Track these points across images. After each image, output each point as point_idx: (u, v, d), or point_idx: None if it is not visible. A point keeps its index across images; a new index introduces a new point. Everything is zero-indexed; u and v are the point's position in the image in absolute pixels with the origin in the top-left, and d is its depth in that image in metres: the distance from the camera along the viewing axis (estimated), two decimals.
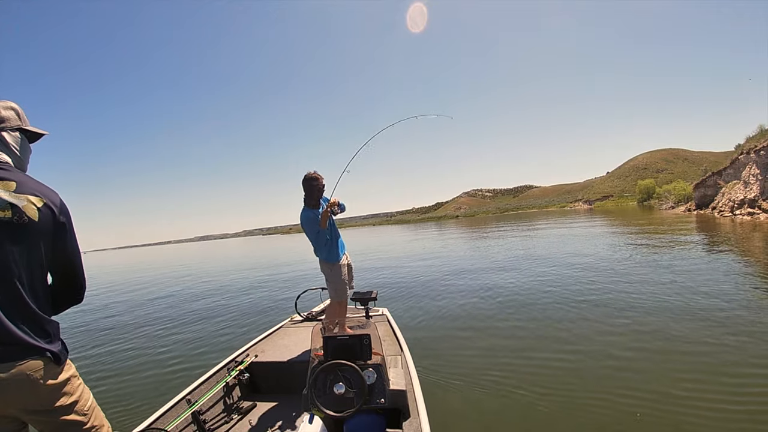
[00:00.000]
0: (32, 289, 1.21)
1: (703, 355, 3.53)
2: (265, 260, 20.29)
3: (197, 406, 2.40)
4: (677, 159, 79.98)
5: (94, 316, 8.64)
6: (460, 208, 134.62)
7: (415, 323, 5.47)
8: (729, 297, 5.21)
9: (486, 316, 5.53)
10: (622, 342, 4.02)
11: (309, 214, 3.21)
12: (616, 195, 72.16)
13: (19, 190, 1.20)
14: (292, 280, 11.14)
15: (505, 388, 3.27)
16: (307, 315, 4.05)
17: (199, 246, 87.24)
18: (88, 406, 1.33)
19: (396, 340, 3.13)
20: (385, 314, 3.84)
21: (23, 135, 1.34)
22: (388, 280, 9.63)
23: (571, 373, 3.43)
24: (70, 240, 1.34)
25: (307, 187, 3.21)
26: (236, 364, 2.87)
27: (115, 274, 21.81)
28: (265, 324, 6.06)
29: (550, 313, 5.29)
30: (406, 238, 28.30)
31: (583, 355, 3.81)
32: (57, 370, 1.25)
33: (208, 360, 4.59)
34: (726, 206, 19.88)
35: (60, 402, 1.24)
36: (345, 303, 3.44)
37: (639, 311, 4.97)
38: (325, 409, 1.93)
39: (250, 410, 2.65)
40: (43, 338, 1.23)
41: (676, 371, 3.28)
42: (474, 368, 3.72)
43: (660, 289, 5.99)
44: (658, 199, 41.87)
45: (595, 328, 4.51)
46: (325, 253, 3.28)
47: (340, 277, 3.30)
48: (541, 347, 4.11)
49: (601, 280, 7.08)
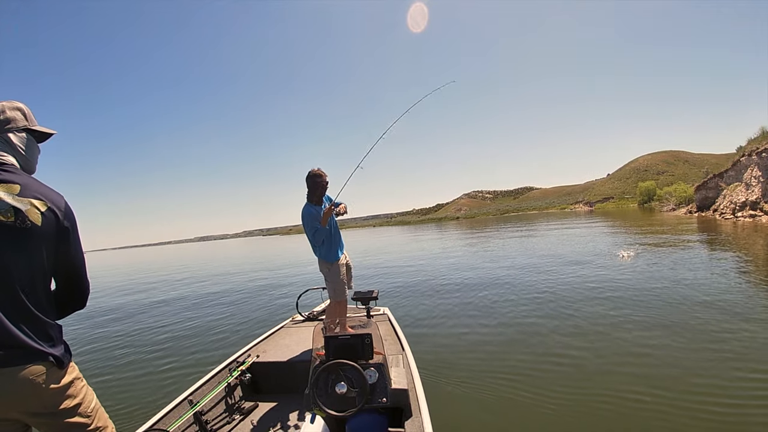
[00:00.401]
0: (34, 293, 1.20)
1: (710, 359, 3.51)
2: (266, 261, 20.26)
3: (199, 406, 2.40)
4: (678, 161, 79.86)
5: (95, 317, 8.64)
6: (460, 209, 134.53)
7: (417, 322, 5.47)
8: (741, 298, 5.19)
9: (488, 314, 5.53)
10: (624, 343, 4.00)
11: (311, 210, 3.20)
12: (617, 197, 72.04)
13: (23, 194, 1.19)
14: (293, 280, 11.14)
15: (508, 386, 3.27)
16: (309, 315, 4.05)
17: (199, 246, 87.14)
18: (92, 408, 1.33)
19: (397, 339, 3.13)
20: (386, 313, 3.84)
21: (30, 135, 1.32)
22: (389, 279, 9.64)
23: (574, 373, 3.43)
24: (74, 245, 1.33)
25: (310, 183, 3.22)
26: (238, 364, 2.87)
27: (115, 275, 21.78)
28: (266, 324, 6.07)
29: (554, 312, 5.28)
30: (406, 239, 28.29)
31: (586, 354, 3.79)
32: (60, 373, 1.25)
33: (209, 360, 4.59)
34: (727, 208, 19.82)
35: (63, 405, 1.24)
36: (345, 303, 3.43)
37: (645, 312, 4.96)
38: (327, 408, 1.94)
39: (252, 410, 2.65)
40: (46, 342, 1.23)
41: (678, 371, 3.27)
42: (476, 367, 3.71)
43: (664, 289, 5.98)
44: (659, 201, 41.82)
45: (597, 329, 4.50)
46: (323, 252, 3.27)
47: (339, 277, 3.30)
48: (544, 346, 4.10)
49: (604, 280, 7.06)
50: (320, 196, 3.25)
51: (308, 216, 3.18)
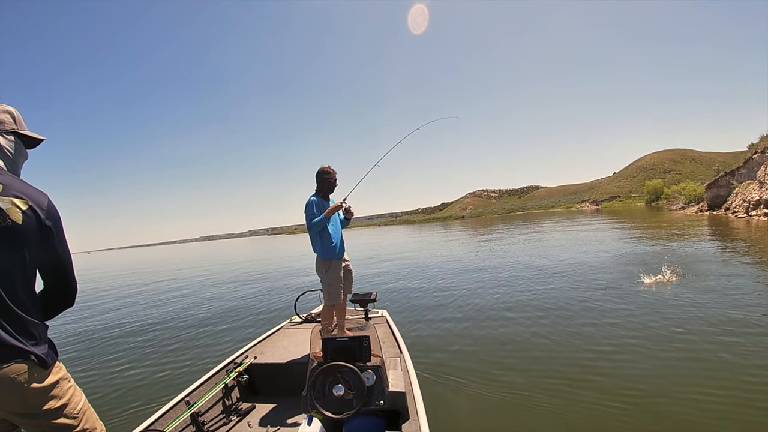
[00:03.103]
0: (14, 291, 1.19)
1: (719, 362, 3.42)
2: (268, 262, 20.35)
3: (196, 407, 2.39)
4: (685, 159, 78.88)
5: (93, 317, 8.68)
6: (465, 208, 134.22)
7: (415, 325, 5.43)
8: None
9: (486, 317, 5.48)
10: (626, 343, 3.95)
11: (315, 199, 3.24)
12: (624, 195, 71.32)
13: (5, 193, 1.18)
14: (292, 282, 11.12)
15: (505, 390, 3.25)
16: (307, 316, 4.05)
17: (204, 246, 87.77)
18: (79, 409, 1.31)
19: (395, 341, 3.12)
20: (384, 316, 3.83)
21: (18, 139, 1.33)
22: (387, 281, 9.60)
23: (572, 376, 3.39)
24: (59, 244, 1.31)
25: (319, 179, 3.29)
26: (235, 365, 2.86)
27: (116, 275, 21.96)
28: (264, 325, 6.04)
29: (553, 315, 5.21)
30: (411, 239, 28.25)
31: (584, 357, 3.75)
32: (43, 373, 1.23)
33: (207, 361, 4.58)
34: (740, 207, 19.44)
35: (48, 405, 1.22)
36: (342, 306, 3.36)
37: (651, 312, 4.87)
38: (324, 410, 1.93)
39: (249, 412, 2.64)
40: (28, 340, 1.21)
41: (678, 374, 3.19)
42: (473, 370, 3.69)
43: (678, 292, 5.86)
44: (667, 200, 41.26)
45: (599, 330, 4.43)
46: (322, 246, 3.20)
47: (335, 279, 3.22)
48: (542, 349, 4.06)
49: (607, 281, 6.96)
50: (327, 192, 3.31)
51: (312, 204, 3.20)
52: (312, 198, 3.24)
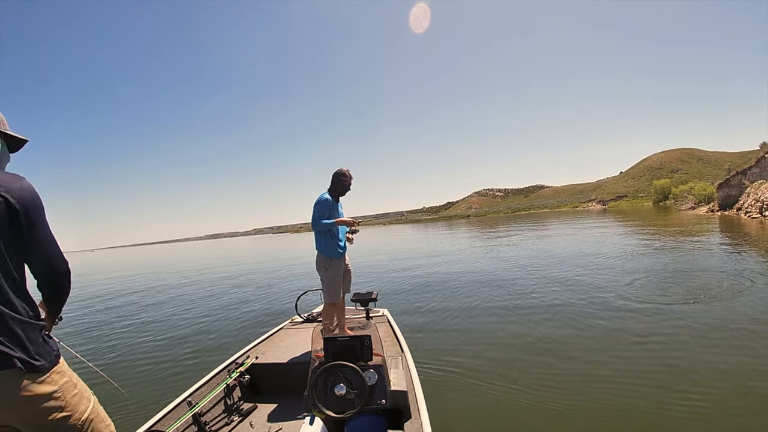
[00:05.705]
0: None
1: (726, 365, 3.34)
2: (270, 263, 20.41)
3: (198, 408, 2.38)
4: (692, 159, 77.90)
5: (93, 317, 8.70)
6: (470, 207, 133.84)
7: (416, 324, 5.40)
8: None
9: (488, 317, 5.43)
10: (626, 344, 3.91)
11: (327, 197, 3.25)
12: (631, 195, 70.58)
13: None
14: (293, 282, 11.10)
15: (507, 389, 3.22)
16: (308, 316, 4.03)
17: (208, 245, 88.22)
18: (84, 419, 1.25)
19: (397, 341, 3.11)
20: (385, 315, 3.82)
21: (1, 140, 1.30)
22: (388, 280, 9.58)
23: (573, 376, 3.35)
24: (36, 227, 1.21)
25: (335, 180, 3.33)
26: (237, 365, 2.85)
27: (117, 275, 21.75)
28: (265, 325, 6.02)
29: (556, 315, 5.15)
30: (415, 238, 28.20)
31: (588, 357, 3.70)
32: (36, 380, 1.14)
33: (208, 362, 4.56)
34: (753, 207, 19.03)
35: (45, 417, 1.15)
36: (342, 305, 3.40)
37: (657, 313, 4.78)
38: (326, 410, 1.91)
39: (251, 412, 2.63)
40: (10, 342, 1.11)
41: (680, 376, 3.12)
42: (475, 369, 3.67)
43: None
44: (675, 200, 40.69)
45: (600, 331, 4.38)
46: (324, 244, 3.25)
47: (335, 278, 3.27)
48: (545, 349, 4.01)
49: (611, 281, 6.87)
50: (339, 194, 3.35)
51: (323, 203, 3.22)
52: (325, 196, 3.25)
